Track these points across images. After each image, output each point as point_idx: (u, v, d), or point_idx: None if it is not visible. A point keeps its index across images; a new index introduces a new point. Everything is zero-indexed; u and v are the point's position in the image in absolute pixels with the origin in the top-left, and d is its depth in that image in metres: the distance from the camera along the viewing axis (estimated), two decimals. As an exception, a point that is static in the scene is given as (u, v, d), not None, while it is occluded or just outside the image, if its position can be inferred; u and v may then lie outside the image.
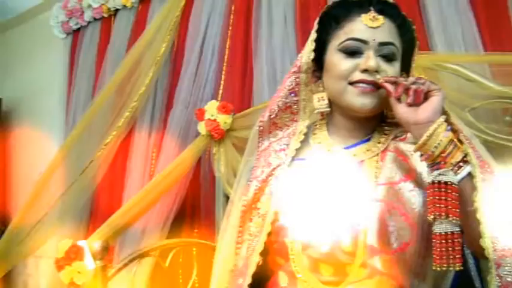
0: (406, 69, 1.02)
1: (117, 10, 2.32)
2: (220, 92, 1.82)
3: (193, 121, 1.81)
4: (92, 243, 1.51)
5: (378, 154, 0.96)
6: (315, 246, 0.91)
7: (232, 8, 1.86)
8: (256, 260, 0.95)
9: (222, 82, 1.82)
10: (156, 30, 1.93)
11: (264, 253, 0.97)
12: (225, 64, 1.83)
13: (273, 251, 0.97)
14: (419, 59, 1.35)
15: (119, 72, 2.00)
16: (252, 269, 0.95)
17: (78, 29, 2.58)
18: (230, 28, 1.84)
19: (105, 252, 1.52)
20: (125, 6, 2.25)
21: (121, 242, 1.92)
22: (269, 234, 0.97)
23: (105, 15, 2.37)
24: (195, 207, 1.88)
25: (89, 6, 2.41)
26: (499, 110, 1.34)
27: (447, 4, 1.47)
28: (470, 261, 1.13)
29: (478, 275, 1.17)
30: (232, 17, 1.85)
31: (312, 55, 1.00)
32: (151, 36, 1.92)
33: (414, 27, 1.00)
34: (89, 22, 2.49)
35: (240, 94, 1.77)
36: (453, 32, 1.45)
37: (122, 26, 2.28)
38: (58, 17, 2.63)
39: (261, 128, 1.08)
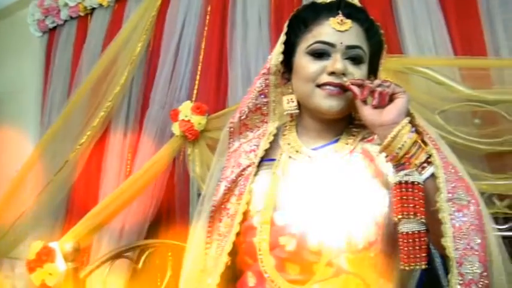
0: (374, 72, 1.03)
1: (93, 9, 2.30)
2: (195, 92, 1.81)
3: (169, 122, 1.80)
4: (63, 245, 1.50)
5: (345, 155, 0.98)
6: (281, 246, 0.92)
7: (208, 8, 1.86)
8: (224, 260, 0.96)
9: (197, 83, 1.82)
10: (132, 30, 1.92)
11: (233, 253, 0.98)
12: (200, 65, 1.82)
13: (242, 251, 0.98)
14: (390, 62, 1.38)
15: (94, 72, 1.99)
16: (220, 269, 0.96)
17: (55, 28, 2.55)
18: (206, 29, 1.84)
19: (77, 254, 1.51)
20: (101, 5, 2.23)
21: (99, 243, 1.90)
22: (238, 234, 0.98)
23: (82, 14, 2.35)
24: (171, 208, 1.88)
25: (66, 4, 2.39)
26: (468, 113, 1.38)
27: (419, 8, 1.50)
28: (437, 260, 1.15)
29: (446, 274, 1.19)
30: (208, 17, 1.85)
31: (281, 57, 1.01)
32: (127, 35, 1.91)
33: (382, 31, 1.03)
34: (66, 21, 2.47)
35: (215, 95, 1.77)
36: (424, 36, 1.48)
37: (98, 25, 2.26)
38: (34, 15, 2.60)
39: (232, 129, 1.09)
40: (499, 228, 1.36)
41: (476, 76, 1.40)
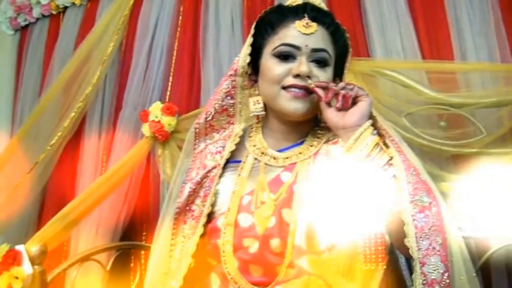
0: (339, 75, 1.05)
1: (66, 7, 2.26)
2: (168, 93, 1.80)
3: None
4: (30, 248, 1.46)
5: (310, 157, 0.99)
6: (245, 247, 0.92)
7: (181, 9, 1.84)
8: (188, 261, 0.96)
9: (170, 84, 1.81)
10: (103, 29, 1.89)
11: (198, 255, 0.98)
12: (173, 65, 1.81)
13: (206, 253, 0.98)
14: (358, 65, 1.40)
15: (65, 71, 1.95)
16: (183, 271, 0.95)
17: (27, 26, 2.49)
18: (178, 29, 1.83)
19: (44, 257, 1.47)
20: (73, 4, 2.19)
21: (74, 246, 1.87)
22: (203, 236, 0.98)
23: (54, 12, 2.30)
24: (145, 209, 1.86)
25: (38, 2, 2.34)
26: (434, 116, 1.40)
27: (387, 12, 1.52)
28: (401, 260, 1.16)
29: (410, 274, 1.21)
30: (180, 18, 1.84)
31: (248, 59, 1.01)
32: (99, 35, 1.88)
33: (348, 34, 1.04)
34: (38, 19, 2.41)
35: (187, 96, 1.76)
36: (392, 39, 1.50)
37: (70, 24, 2.22)
38: (6, 12, 2.54)
39: (197, 130, 1.09)
40: (464, 229, 1.39)
41: (443, 80, 1.43)
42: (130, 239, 1.81)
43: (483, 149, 1.37)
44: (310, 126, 1.03)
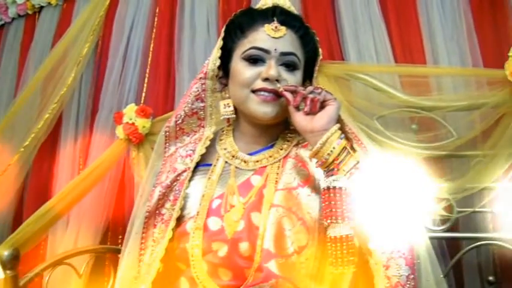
0: (310, 78, 1.05)
1: (41, 7, 2.23)
2: (144, 95, 1.79)
3: (118, 125, 1.76)
4: (1, 252, 1.44)
5: (280, 160, 0.99)
6: (214, 251, 0.92)
7: (157, 10, 1.84)
8: (157, 266, 0.95)
9: (146, 85, 1.79)
10: (79, 30, 1.87)
11: (167, 259, 0.97)
12: (148, 67, 1.80)
13: (175, 257, 0.97)
14: (332, 68, 1.41)
15: (41, 72, 1.92)
16: (152, 276, 0.94)
17: (2, 25, 2.45)
18: (154, 31, 1.82)
19: (16, 261, 1.45)
20: (49, 4, 2.16)
21: (52, 250, 1.85)
22: (172, 240, 0.97)
23: (30, 12, 2.27)
24: (121, 212, 1.84)
25: (13, 2, 2.30)
26: (406, 119, 1.42)
27: (361, 16, 1.54)
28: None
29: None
30: (156, 19, 1.83)
31: (218, 62, 1.01)
32: (74, 35, 1.86)
33: (317, 38, 1.04)
34: (13, 18, 2.37)
35: (163, 98, 1.75)
36: (366, 43, 1.52)
37: (46, 24, 2.19)
38: (-19, 12, 2.49)
39: (168, 133, 1.08)
40: (436, 230, 1.42)
41: (415, 83, 1.46)
42: (108, 242, 1.79)
43: (454, 152, 1.39)
44: (281, 129, 1.03)
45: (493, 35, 1.56)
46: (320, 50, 1.08)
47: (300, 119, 0.91)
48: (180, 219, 0.98)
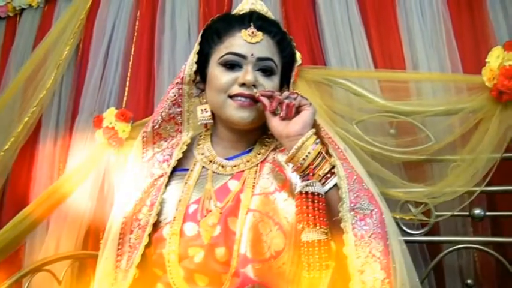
0: (287, 83, 1.05)
1: (22, 9, 2.21)
2: (125, 99, 1.78)
3: (98, 129, 1.74)
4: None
5: (257, 165, 0.99)
6: (190, 257, 0.91)
7: (138, 13, 1.83)
8: (133, 272, 0.94)
9: (127, 89, 1.78)
10: (60, 32, 1.85)
11: (143, 265, 0.96)
12: (129, 71, 1.79)
13: (152, 263, 0.96)
14: (312, 73, 1.42)
15: (21, 74, 1.91)
16: (128, 282, 0.94)
17: (-16, 28, 2.43)
18: (135, 34, 1.81)
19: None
20: (30, 6, 2.15)
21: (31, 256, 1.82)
22: (149, 246, 0.96)
23: (11, 14, 2.25)
24: (101, 217, 1.82)
25: (-5, 4, 2.28)
26: (385, 123, 1.44)
27: (341, 21, 1.55)
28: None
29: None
30: (137, 23, 1.83)
31: (195, 67, 1.01)
32: (55, 38, 1.84)
33: (294, 43, 1.05)
34: (-6, 21, 2.35)
35: (144, 102, 1.74)
36: (346, 49, 1.53)
37: (27, 26, 2.17)
38: (-38, 13, 2.46)
39: (145, 138, 1.07)
40: (414, 234, 1.43)
41: (395, 88, 1.47)
42: (89, 247, 1.77)
43: (433, 156, 1.41)
44: (258, 134, 1.04)
45: (472, 41, 1.59)
46: (299, 54, 1.08)
47: (276, 124, 0.92)
48: (156, 225, 0.97)
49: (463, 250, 1.47)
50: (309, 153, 0.87)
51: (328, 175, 0.88)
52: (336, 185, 0.88)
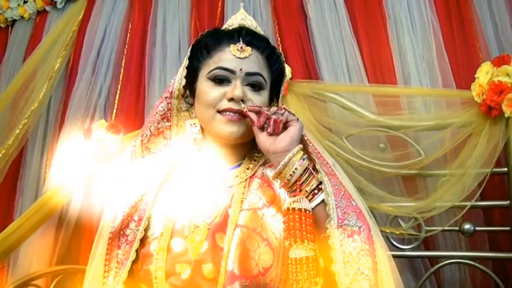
0: (277, 98, 1.05)
1: (14, 21, 2.21)
2: (114, 112, 1.77)
3: (87, 141, 1.73)
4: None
5: (246, 180, 0.98)
6: (177, 273, 0.90)
7: (129, 26, 1.83)
8: (119, 289, 0.93)
9: (117, 101, 1.78)
10: (51, 44, 1.86)
11: (130, 282, 0.95)
12: (120, 83, 1.78)
13: (139, 279, 0.95)
14: (301, 87, 1.42)
15: (12, 86, 1.90)
16: (114, 299, 0.92)
17: (-24, 39, 2.42)
18: (126, 47, 1.81)
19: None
20: (22, 17, 2.15)
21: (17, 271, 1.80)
22: (136, 261, 0.95)
23: (2, 25, 2.25)
24: (87, 231, 1.80)
25: (-14, 15, 2.28)
26: (374, 137, 1.44)
27: (333, 36, 1.56)
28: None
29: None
30: (128, 35, 1.83)
31: (184, 81, 1.01)
32: (47, 50, 1.84)
33: (283, 58, 1.05)
34: (-14, 32, 2.35)
35: (134, 114, 1.74)
36: (338, 63, 1.53)
37: (19, 38, 2.18)
38: (-46, 25, 2.45)
39: (133, 152, 1.06)
40: (404, 249, 1.42)
41: (387, 103, 1.48)
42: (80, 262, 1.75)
43: (422, 171, 1.41)
44: (247, 149, 1.03)
45: (463, 55, 1.60)
46: (289, 69, 1.08)
47: (263, 140, 0.91)
48: (144, 240, 0.96)
49: (456, 264, 1.47)
50: (296, 169, 0.87)
51: (316, 191, 0.88)
52: (323, 201, 0.88)
